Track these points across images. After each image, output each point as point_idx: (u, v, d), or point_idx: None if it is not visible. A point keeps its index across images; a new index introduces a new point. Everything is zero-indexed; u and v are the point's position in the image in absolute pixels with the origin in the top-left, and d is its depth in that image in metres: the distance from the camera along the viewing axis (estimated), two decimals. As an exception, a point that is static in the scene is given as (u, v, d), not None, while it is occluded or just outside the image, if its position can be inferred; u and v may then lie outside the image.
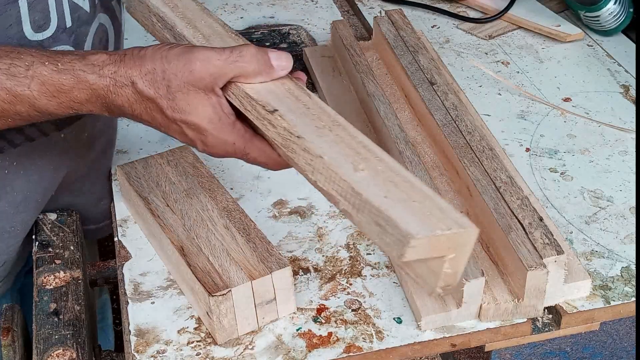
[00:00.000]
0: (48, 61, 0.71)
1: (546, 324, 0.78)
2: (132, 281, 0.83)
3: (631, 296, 0.80)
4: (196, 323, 0.78)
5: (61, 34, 0.82)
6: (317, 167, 0.65)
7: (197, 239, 0.80)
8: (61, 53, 0.73)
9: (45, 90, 0.71)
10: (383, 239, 0.60)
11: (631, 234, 0.88)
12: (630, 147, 1.01)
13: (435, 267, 0.60)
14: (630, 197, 0.93)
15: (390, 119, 0.95)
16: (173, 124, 0.72)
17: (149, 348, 0.76)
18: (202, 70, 0.70)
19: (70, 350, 0.77)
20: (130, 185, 0.87)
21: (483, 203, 0.81)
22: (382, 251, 0.84)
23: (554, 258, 0.75)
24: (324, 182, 0.64)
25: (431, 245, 0.58)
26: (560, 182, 0.95)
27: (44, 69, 0.71)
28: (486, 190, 0.83)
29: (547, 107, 1.09)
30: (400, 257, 0.58)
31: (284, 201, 0.93)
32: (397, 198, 0.60)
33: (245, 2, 1.36)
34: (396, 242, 0.58)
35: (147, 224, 0.86)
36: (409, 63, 1.03)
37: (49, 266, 0.86)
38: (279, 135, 0.68)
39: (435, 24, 1.30)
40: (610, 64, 1.18)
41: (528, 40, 1.25)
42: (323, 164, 0.64)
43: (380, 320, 0.78)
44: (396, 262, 0.64)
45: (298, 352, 0.75)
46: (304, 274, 0.84)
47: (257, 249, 0.78)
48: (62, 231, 0.92)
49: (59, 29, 0.81)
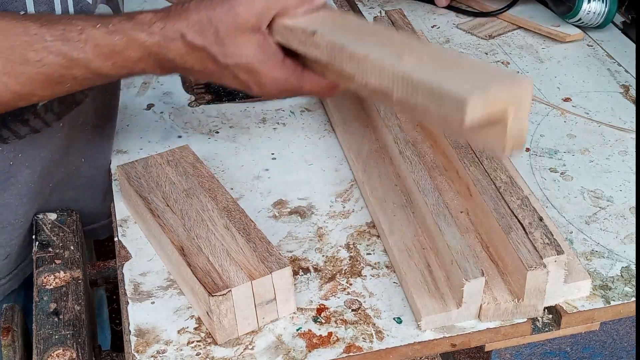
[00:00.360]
0: (99, 23, 0.74)
1: (546, 324, 0.78)
2: (132, 281, 0.83)
3: (631, 296, 0.80)
4: (196, 323, 0.78)
5: None
6: (365, 68, 0.68)
7: (197, 239, 0.80)
8: (109, 16, 0.76)
9: (100, 52, 0.73)
10: (441, 112, 0.61)
11: (631, 234, 0.88)
12: (630, 147, 1.01)
13: (500, 129, 0.61)
14: (630, 197, 0.93)
15: (390, 119, 0.95)
16: (225, 70, 0.74)
17: (149, 348, 0.76)
18: (247, 12, 0.73)
19: (70, 350, 0.77)
20: (130, 185, 0.87)
21: (483, 203, 0.82)
22: (446, 132, 0.84)
23: (554, 258, 0.75)
24: (376, 78, 0.67)
25: (488, 103, 0.59)
26: (560, 182, 0.95)
27: (96, 31, 0.73)
28: (486, 190, 0.83)
29: (547, 107, 1.09)
30: (462, 124, 0.59)
31: (284, 201, 0.93)
32: (446, 72, 0.62)
33: (245, 2, 1.36)
34: (454, 110, 0.59)
35: (147, 224, 0.86)
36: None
37: (49, 266, 0.86)
38: (324, 53, 0.71)
39: (435, 24, 1.30)
40: (610, 64, 1.18)
41: (528, 40, 1.25)
42: (370, 62, 0.67)
43: (380, 320, 0.78)
44: (462, 134, 0.66)
45: (298, 352, 0.75)
46: (304, 274, 0.84)
47: (257, 249, 0.78)
48: (62, 231, 0.92)
49: None
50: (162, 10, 0.75)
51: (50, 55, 0.73)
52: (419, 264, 0.81)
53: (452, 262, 0.76)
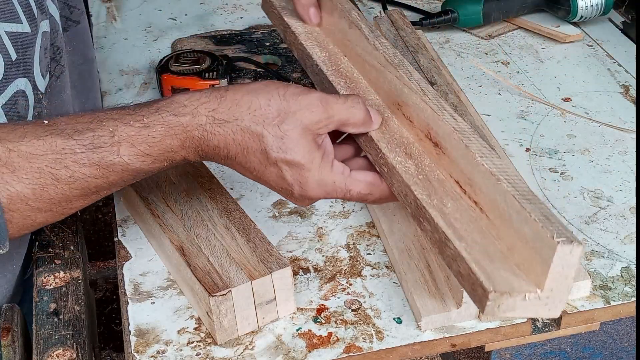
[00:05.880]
0: (132, 119, 0.69)
1: (546, 324, 0.78)
2: (132, 281, 0.83)
3: (631, 296, 0.80)
4: (196, 323, 0.78)
5: (9, 71, 0.78)
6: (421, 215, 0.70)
7: (197, 239, 0.80)
8: (146, 105, 0.70)
9: (136, 151, 0.68)
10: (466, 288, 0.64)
11: (631, 234, 0.88)
12: (630, 147, 1.01)
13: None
14: (630, 197, 0.93)
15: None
16: (272, 166, 0.70)
17: (149, 348, 0.76)
18: (321, 112, 0.70)
19: (70, 350, 0.77)
20: (130, 185, 0.87)
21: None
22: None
23: (554, 258, 0.75)
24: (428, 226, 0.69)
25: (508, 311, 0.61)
26: (560, 182, 0.95)
27: (130, 129, 0.68)
28: (486, 191, 0.82)
29: (547, 107, 1.09)
30: (481, 309, 0.61)
31: (284, 201, 0.93)
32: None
33: (245, 2, 1.36)
34: (476, 298, 0.62)
35: (147, 224, 0.86)
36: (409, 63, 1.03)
37: (49, 266, 0.86)
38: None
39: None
40: (610, 64, 1.18)
41: (528, 40, 1.25)
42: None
43: (380, 320, 0.78)
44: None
45: (298, 352, 0.75)
46: (304, 274, 0.84)
47: (257, 249, 0.78)
48: (62, 231, 0.92)
49: (7, 66, 0.78)
50: (217, 90, 0.70)
51: (82, 168, 0.68)
52: (419, 264, 0.81)
53: (452, 262, 0.76)
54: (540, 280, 0.59)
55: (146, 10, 1.35)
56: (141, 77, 1.17)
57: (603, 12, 1.24)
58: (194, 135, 0.69)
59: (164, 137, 0.69)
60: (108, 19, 1.32)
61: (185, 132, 0.69)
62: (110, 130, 0.68)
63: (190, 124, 0.69)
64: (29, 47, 0.81)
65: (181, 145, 0.70)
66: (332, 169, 0.72)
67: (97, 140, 0.68)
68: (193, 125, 0.69)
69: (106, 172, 0.69)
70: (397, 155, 0.73)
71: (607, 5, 1.23)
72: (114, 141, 0.68)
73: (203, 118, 0.69)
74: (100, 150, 0.68)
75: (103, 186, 0.70)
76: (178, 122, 0.69)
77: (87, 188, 0.69)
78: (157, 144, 0.69)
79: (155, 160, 0.70)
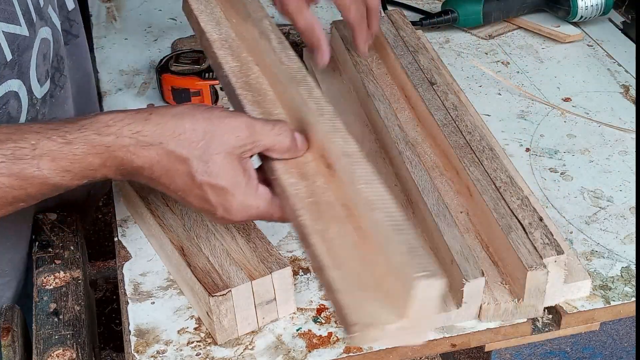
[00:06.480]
0: (55, 134, 0.68)
1: (546, 324, 0.78)
2: (132, 281, 0.83)
3: (631, 296, 0.80)
4: (196, 323, 0.78)
5: (3, 71, 0.78)
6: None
7: (197, 239, 0.80)
8: (69, 122, 0.70)
9: (57, 166, 0.68)
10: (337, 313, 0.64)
11: (631, 234, 0.88)
12: (630, 147, 1.01)
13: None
14: (630, 197, 0.93)
15: (390, 119, 0.95)
16: (196, 189, 0.70)
17: (149, 348, 0.76)
18: (246, 137, 0.70)
19: (70, 350, 0.77)
20: (130, 185, 0.87)
21: (483, 203, 0.81)
22: None
23: (554, 258, 0.75)
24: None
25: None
26: (560, 182, 0.95)
27: (52, 144, 0.68)
28: (486, 190, 0.82)
29: (547, 107, 1.09)
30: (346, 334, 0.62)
31: (284, 201, 0.93)
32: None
33: (245, 2, 1.36)
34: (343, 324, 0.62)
35: (147, 224, 0.86)
36: (409, 63, 1.03)
37: (49, 266, 0.86)
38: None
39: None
40: (610, 64, 1.18)
41: (528, 40, 1.25)
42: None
43: (380, 320, 0.78)
44: None
45: (298, 352, 0.75)
46: (304, 274, 0.84)
47: (257, 249, 0.78)
48: (62, 231, 0.92)
49: (1, 65, 0.78)
50: (140, 112, 0.70)
51: (1, 177, 0.67)
52: (419, 264, 0.81)
53: (452, 262, 0.76)
54: (404, 311, 0.60)
55: (146, 10, 1.35)
56: (141, 77, 1.17)
57: (603, 12, 1.24)
58: (117, 155, 0.69)
59: (86, 155, 0.68)
60: (108, 19, 1.32)
61: (107, 152, 0.69)
62: (33, 143, 0.68)
63: (114, 144, 0.68)
64: (25, 51, 0.81)
65: (102, 164, 0.69)
66: (257, 194, 0.71)
67: (18, 152, 0.67)
68: (116, 145, 0.68)
69: (25, 184, 0.68)
70: (291, 177, 0.72)
71: (607, 5, 1.23)
72: (35, 154, 0.67)
73: (127, 140, 0.68)
74: (21, 162, 0.67)
75: (20, 198, 0.69)
76: (101, 141, 0.68)
77: (4, 198, 0.68)
78: (78, 160, 0.68)
79: (75, 176, 0.69)
